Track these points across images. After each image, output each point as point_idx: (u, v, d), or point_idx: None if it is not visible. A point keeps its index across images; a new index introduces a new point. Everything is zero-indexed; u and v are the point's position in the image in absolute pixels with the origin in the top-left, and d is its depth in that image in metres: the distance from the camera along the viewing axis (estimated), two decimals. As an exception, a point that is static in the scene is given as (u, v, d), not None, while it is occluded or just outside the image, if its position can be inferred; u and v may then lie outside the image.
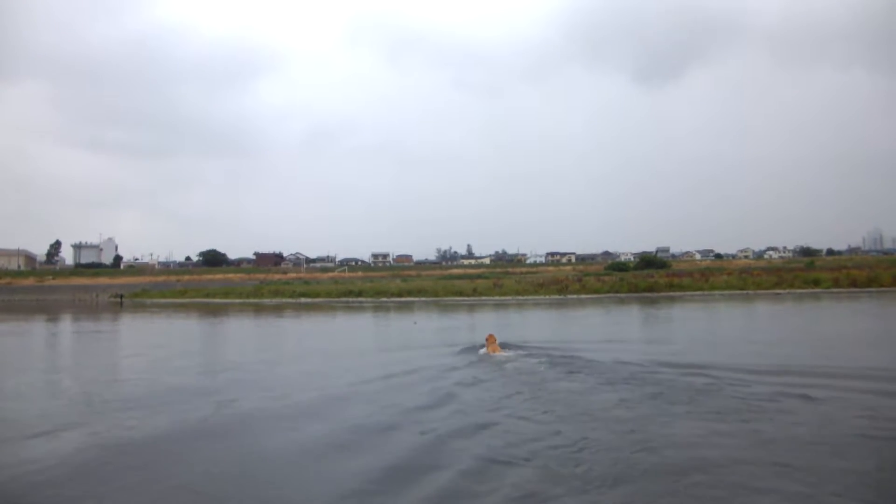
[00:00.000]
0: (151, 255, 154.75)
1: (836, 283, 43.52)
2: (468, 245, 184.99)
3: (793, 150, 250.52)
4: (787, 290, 42.70)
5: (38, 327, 33.82)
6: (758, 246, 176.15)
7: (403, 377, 13.45)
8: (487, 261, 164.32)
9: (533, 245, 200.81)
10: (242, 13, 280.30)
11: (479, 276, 75.36)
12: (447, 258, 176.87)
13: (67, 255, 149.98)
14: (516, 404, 10.40)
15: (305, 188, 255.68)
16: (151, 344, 23.78)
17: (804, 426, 8.56)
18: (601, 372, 12.93)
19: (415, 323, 29.06)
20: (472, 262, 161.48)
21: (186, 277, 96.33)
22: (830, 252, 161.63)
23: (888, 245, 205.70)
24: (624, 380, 12.00)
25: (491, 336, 16.46)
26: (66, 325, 35.38)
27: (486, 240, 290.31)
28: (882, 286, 42.17)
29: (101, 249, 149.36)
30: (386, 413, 10.11)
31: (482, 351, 15.84)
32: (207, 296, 57.46)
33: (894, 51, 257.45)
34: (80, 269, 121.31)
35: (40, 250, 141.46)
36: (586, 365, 13.84)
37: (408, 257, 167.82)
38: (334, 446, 8.44)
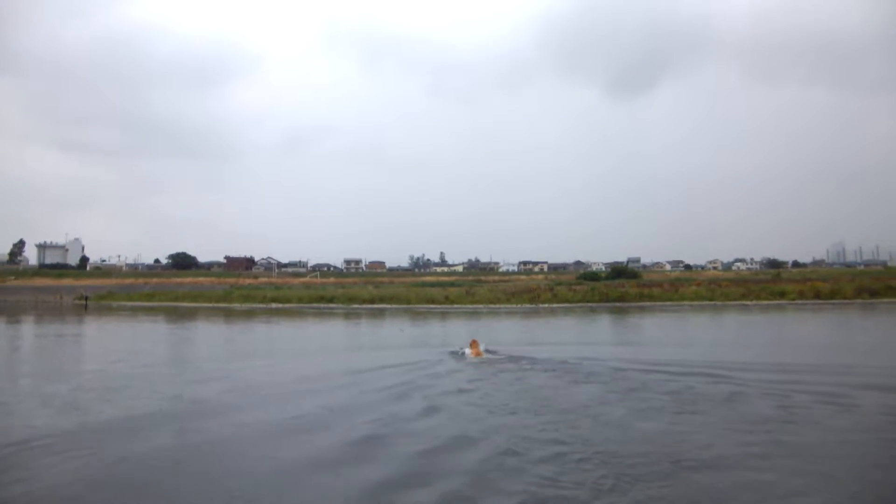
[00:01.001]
0: (119, 257, 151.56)
1: (801, 295, 44.52)
2: (441, 252, 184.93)
3: (760, 163, 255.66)
4: (753, 302, 43.52)
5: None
6: (726, 258, 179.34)
7: (419, 370, 15.93)
8: (460, 269, 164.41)
9: (506, 253, 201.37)
10: (218, 14, 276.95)
11: (451, 284, 75.43)
12: (420, 265, 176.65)
13: (31, 256, 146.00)
14: (492, 390, 13.26)
15: (279, 192, 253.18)
16: (112, 349, 23.28)
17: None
18: (567, 371, 15.35)
19: (401, 330, 29.21)
20: (445, 269, 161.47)
21: (155, 280, 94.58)
22: (796, 264, 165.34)
23: (851, 258, 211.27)
24: (586, 376, 14.62)
25: (474, 341, 18.43)
26: (25, 328, 34.47)
27: (459, 248, 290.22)
28: (845, 298, 43.27)
29: (67, 250, 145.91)
30: (425, 391, 13.20)
31: (467, 353, 17.78)
32: (176, 299, 56.46)
33: (855, 69, 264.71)
34: (45, 269, 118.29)
35: (3, 250, 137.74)
36: (559, 365, 16.07)
37: (381, 264, 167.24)
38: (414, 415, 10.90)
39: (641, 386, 13.13)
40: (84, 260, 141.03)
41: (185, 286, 78.21)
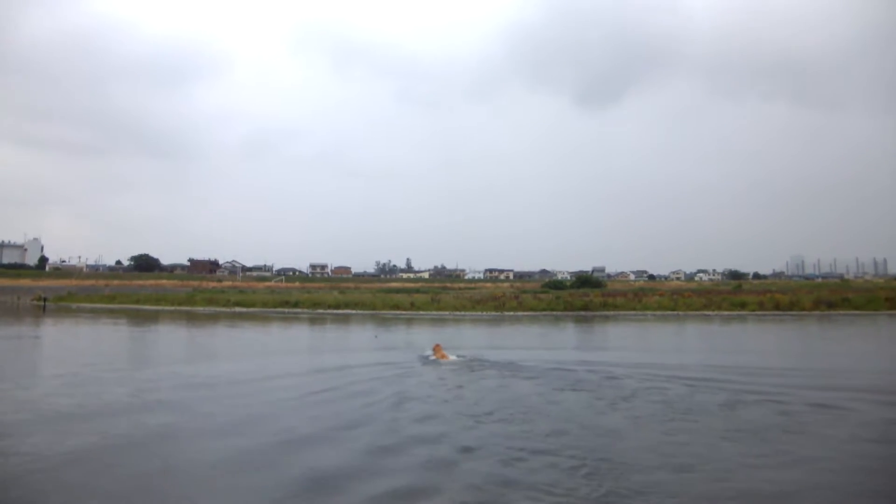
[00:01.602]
0: (80, 257, 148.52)
1: (761, 307, 45.47)
2: (408, 259, 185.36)
3: (724, 177, 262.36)
4: (715, 312, 44.31)
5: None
6: (689, 268, 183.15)
7: (392, 369, 17.51)
8: (426, 275, 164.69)
9: (472, 261, 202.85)
10: (187, 14, 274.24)
11: (417, 291, 75.31)
12: (386, 271, 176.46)
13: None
14: (455, 386, 15.24)
15: (244, 195, 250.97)
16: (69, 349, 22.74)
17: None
18: (516, 370, 17.11)
19: (375, 336, 29.25)
20: (412, 276, 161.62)
21: (116, 282, 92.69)
22: (757, 276, 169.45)
23: (810, 271, 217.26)
24: (539, 374, 16.52)
25: (437, 345, 19.94)
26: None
27: (425, 254, 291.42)
28: (803, 310, 44.31)
29: (26, 250, 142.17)
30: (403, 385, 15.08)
31: (430, 356, 19.18)
32: (138, 302, 55.19)
33: (814, 86, 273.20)
34: (2, 269, 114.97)
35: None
36: (511, 366, 17.94)
37: (346, 269, 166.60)
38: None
39: (576, 382, 15.29)
40: (43, 260, 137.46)
41: (147, 288, 76.80)
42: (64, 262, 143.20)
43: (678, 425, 10.98)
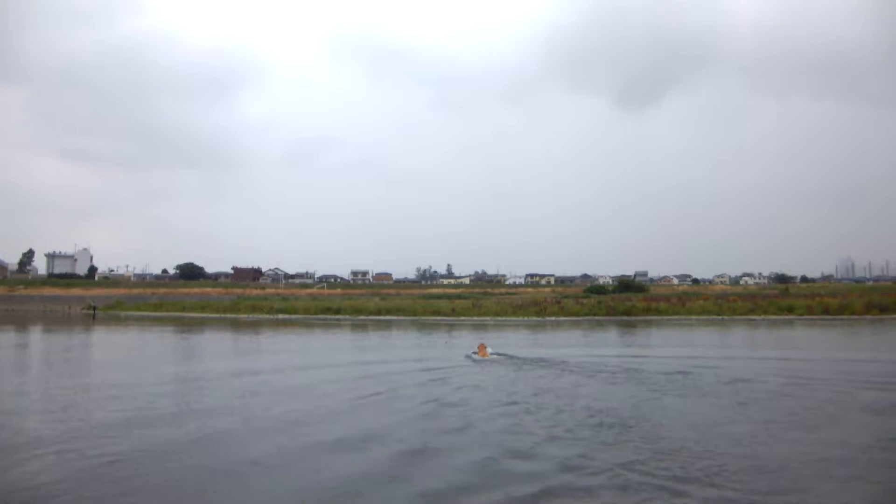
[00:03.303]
0: (127, 266, 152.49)
1: (810, 311, 44.24)
2: (448, 264, 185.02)
3: (769, 177, 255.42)
4: (761, 317, 43.24)
5: None
6: (734, 272, 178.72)
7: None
8: (467, 281, 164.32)
9: (512, 266, 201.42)
10: (224, 25, 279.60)
11: (458, 296, 75.39)
12: (427, 277, 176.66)
13: (41, 265, 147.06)
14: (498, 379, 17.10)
15: (285, 203, 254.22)
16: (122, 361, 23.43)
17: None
18: (552, 366, 18.72)
19: (446, 342, 29.57)
20: (452, 281, 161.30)
21: (162, 290, 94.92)
22: (804, 279, 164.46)
23: (860, 273, 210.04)
24: (572, 370, 17.96)
25: (482, 345, 22.19)
26: (32, 336, 34.71)
27: (466, 260, 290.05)
28: (854, 314, 42.89)
29: (76, 260, 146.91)
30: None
31: (475, 355, 21.39)
32: (183, 310, 56.70)
33: (860, 81, 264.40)
34: (54, 279, 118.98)
35: (12, 259, 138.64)
36: (543, 363, 19.75)
37: (387, 275, 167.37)
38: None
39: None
40: (92, 269, 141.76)
41: (192, 296, 78.55)
42: (112, 271, 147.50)
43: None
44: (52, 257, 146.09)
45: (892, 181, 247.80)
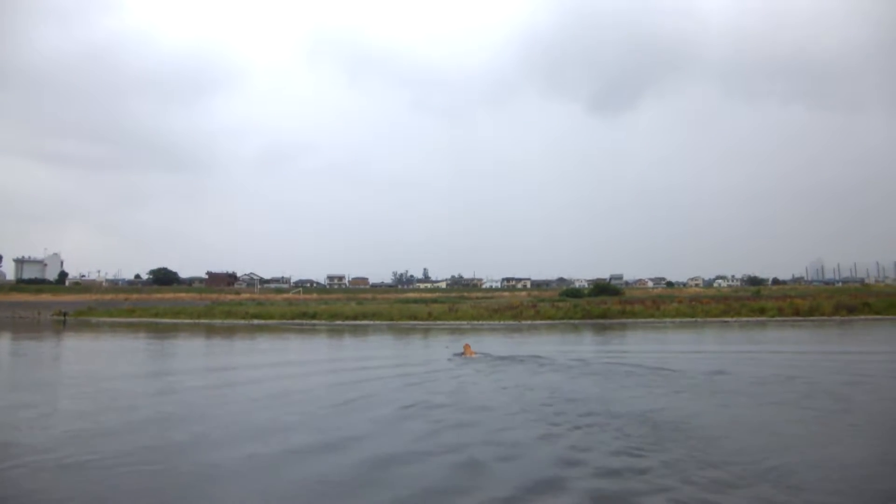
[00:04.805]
0: (99, 272, 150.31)
1: (781, 312, 44.98)
2: (425, 269, 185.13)
3: (742, 181, 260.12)
4: (734, 318, 43.91)
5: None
6: (708, 275, 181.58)
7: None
8: (444, 285, 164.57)
9: (489, 270, 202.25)
10: (199, 26, 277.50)
11: (434, 301, 75.33)
12: (403, 281, 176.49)
13: (8, 270, 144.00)
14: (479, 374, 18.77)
15: (261, 207, 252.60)
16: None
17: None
18: (527, 363, 20.73)
19: (446, 347, 29.55)
20: (429, 286, 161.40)
21: (135, 296, 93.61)
22: (776, 281, 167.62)
23: (829, 275, 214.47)
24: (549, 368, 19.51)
25: (467, 345, 24.10)
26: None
27: (442, 264, 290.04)
28: (823, 315, 43.77)
29: (46, 265, 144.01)
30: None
31: (462, 354, 23.11)
32: (157, 315, 55.70)
33: (832, 88, 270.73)
34: (22, 284, 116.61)
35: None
36: (521, 359, 21.79)
37: (364, 280, 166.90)
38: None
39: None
40: (63, 275, 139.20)
41: (166, 302, 77.48)
42: (83, 276, 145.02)
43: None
44: (20, 262, 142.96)
45: (861, 185, 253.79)
